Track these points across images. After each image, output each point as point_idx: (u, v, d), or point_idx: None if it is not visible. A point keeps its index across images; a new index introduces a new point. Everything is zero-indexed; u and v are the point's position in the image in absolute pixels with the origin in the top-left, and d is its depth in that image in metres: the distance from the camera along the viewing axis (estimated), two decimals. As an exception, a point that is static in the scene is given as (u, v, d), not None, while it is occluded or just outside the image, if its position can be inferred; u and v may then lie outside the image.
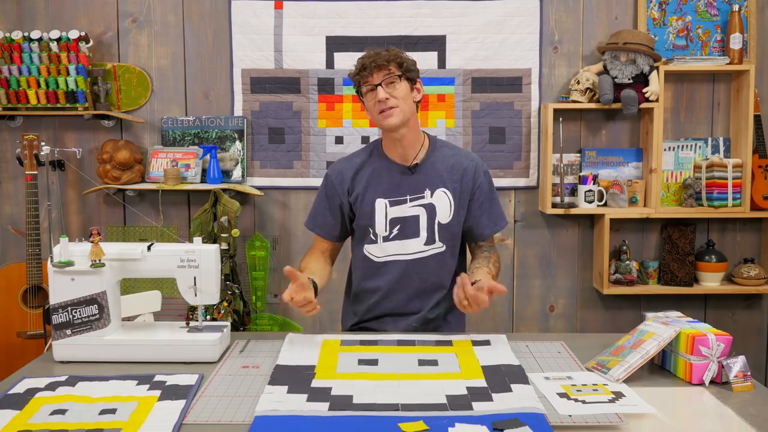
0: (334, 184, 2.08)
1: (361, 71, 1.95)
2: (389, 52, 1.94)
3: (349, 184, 2.06)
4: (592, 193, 3.20)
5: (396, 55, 1.94)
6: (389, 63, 1.93)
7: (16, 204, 3.38)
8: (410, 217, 2.01)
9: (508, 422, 1.34)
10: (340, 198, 2.07)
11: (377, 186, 2.03)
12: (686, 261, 3.24)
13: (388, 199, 2.02)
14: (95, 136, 3.36)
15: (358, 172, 2.06)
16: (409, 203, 2.01)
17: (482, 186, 2.04)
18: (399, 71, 1.94)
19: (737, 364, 1.57)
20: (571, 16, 3.30)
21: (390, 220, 2.02)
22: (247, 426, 1.35)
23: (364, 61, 1.94)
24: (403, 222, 2.01)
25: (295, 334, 1.93)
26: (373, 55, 1.94)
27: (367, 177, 2.04)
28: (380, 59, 1.92)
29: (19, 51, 3.17)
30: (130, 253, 1.78)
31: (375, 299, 2.09)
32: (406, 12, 3.28)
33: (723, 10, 3.26)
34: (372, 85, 1.93)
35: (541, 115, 3.29)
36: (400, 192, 2.01)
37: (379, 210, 2.02)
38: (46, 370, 1.70)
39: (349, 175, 2.06)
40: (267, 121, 3.34)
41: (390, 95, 1.93)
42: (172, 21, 3.32)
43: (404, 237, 2.02)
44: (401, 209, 2.01)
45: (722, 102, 3.32)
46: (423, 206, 2.01)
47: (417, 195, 2.01)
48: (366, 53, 1.97)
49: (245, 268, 3.33)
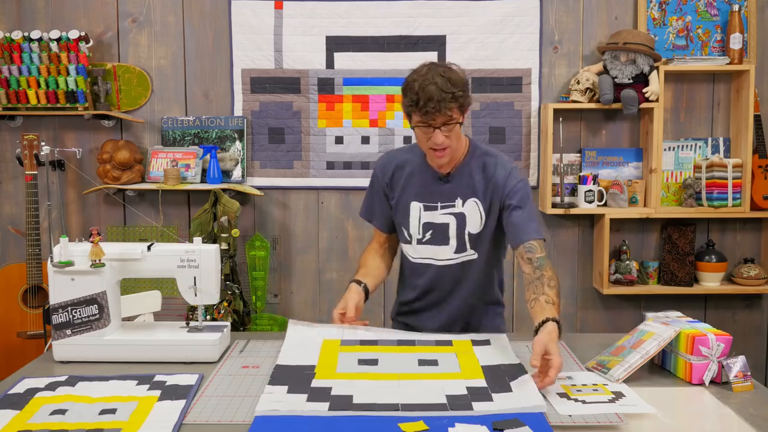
0: (378, 177, 2.07)
1: (418, 107, 1.80)
2: (452, 94, 1.78)
3: (389, 179, 2.04)
4: (592, 193, 3.19)
5: (457, 97, 1.80)
6: (451, 106, 1.80)
7: (16, 204, 3.38)
8: (441, 224, 1.98)
9: (508, 422, 1.34)
10: (384, 191, 2.07)
11: (413, 187, 2.01)
12: (686, 261, 3.24)
13: (423, 203, 1.99)
14: (95, 136, 3.36)
15: (400, 169, 2.03)
16: (440, 210, 1.97)
17: (513, 194, 1.91)
18: (460, 116, 1.84)
19: (737, 364, 1.57)
20: (571, 16, 3.30)
21: (423, 223, 2.00)
22: (247, 426, 1.35)
23: (425, 101, 1.78)
24: (435, 228, 1.99)
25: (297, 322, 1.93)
26: (436, 94, 1.77)
27: (405, 176, 2.02)
28: (444, 105, 1.78)
29: (19, 51, 3.17)
30: (130, 253, 1.78)
31: (414, 295, 2.10)
32: (406, 12, 3.28)
33: (723, 10, 3.26)
34: (428, 125, 1.82)
35: (541, 115, 3.29)
36: (433, 198, 1.98)
37: (414, 212, 2.00)
38: (46, 370, 1.70)
39: (390, 169, 2.04)
40: (267, 121, 3.34)
41: (446, 137, 1.83)
42: (172, 21, 3.32)
43: (435, 243, 2.00)
44: (433, 215, 1.98)
45: (722, 102, 3.32)
46: (453, 215, 1.97)
47: (448, 203, 1.97)
48: (426, 83, 1.78)
49: (245, 268, 3.33)
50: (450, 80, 1.79)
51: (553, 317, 1.65)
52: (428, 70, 1.82)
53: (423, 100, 1.78)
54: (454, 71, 1.83)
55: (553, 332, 1.61)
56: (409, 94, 1.82)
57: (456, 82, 1.81)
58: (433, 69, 1.82)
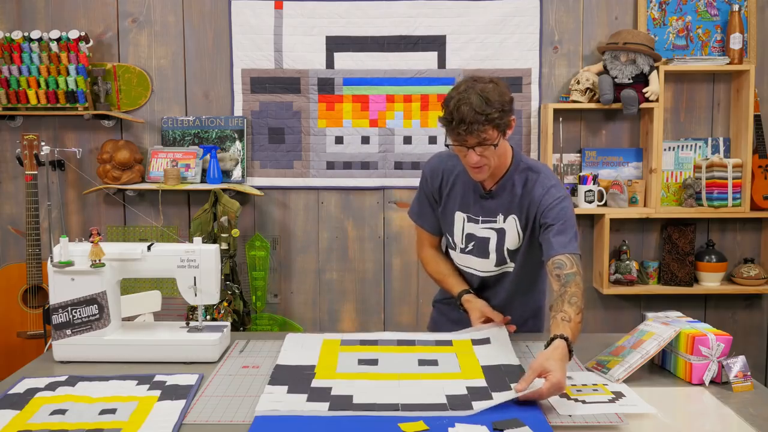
0: (427, 181, 2.04)
1: (451, 126, 1.74)
2: (486, 116, 1.70)
3: (438, 184, 2.01)
4: (592, 193, 3.19)
5: (491, 119, 1.72)
6: (485, 128, 1.72)
7: (16, 204, 3.38)
8: (482, 237, 1.95)
9: (508, 422, 1.34)
10: (433, 195, 2.04)
11: (458, 197, 1.98)
12: (686, 261, 3.24)
13: (466, 213, 1.97)
14: (95, 136, 3.36)
15: (449, 174, 1.99)
16: (481, 224, 1.95)
17: (548, 212, 1.84)
18: (495, 138, 1.75)
19: (737, 364, 1.57)
20: (571, 16, 3.30)
21: (466, 234, 1.98)
22: (247, 426, 1.35)
23: (457, 122, 1.72)
24: (477, 240, 1.97)
25: (294, 334, 1.93)
26: (469, 115, 1.70)
27: (451, 183, 1.98)
28: (476, 127, 1.71)
29: (19, 51, 3.17)
30: (130, 253, 1.78)
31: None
32: (406, 12, 3.28)
33: (723, 10, 3.26)
34: (462, 145, 1.77)
35: (541, 115, 3.29)
36: (475, 211, 1.95)
37: (458, 223, 1.99)
38: (46, 370, 1.70)
39: (439, 174, 2.01)
40: (267, 121, 3.34)
41: (481, 156, 1.77)
42: (172, 21, 3.32)
43: (477, 255, 1.98)
44: (475, 227, 1.96)
45: (722, 102, 3.32)
46: (494, 230, 1.94)
47: (489, 218, 1.94)
48: (460, 103, 1.71)
49: (245, 268, 3.33)
50: (487, 100, 1.71)
51: (561, 334, 1.58)
52: (467, 88, 1.74)
53: (456, 120, 1.72)
54: (494, 88, 1.74)
55: (557, 350, 1.53)
56: (445, 111, 1.76)
57: (493, 102, 1.72)
58: (471, 86, 1.74)
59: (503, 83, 1.79)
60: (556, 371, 1.44)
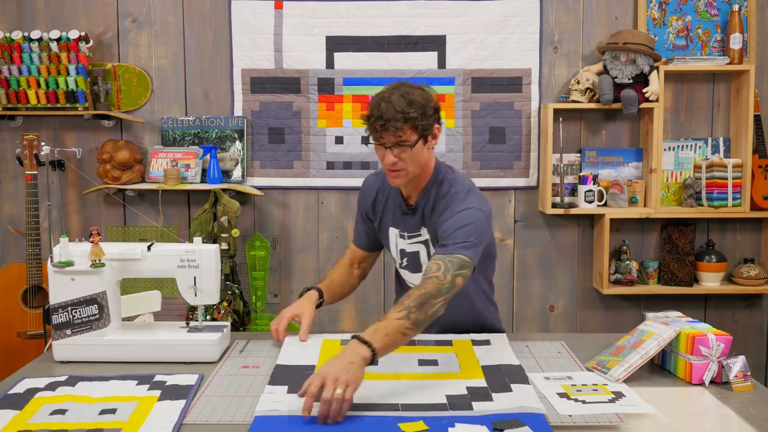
0: (364, 196, 2.06)
1: (369, 123, 1.74)
2: (404, 114, 1.69)
3: (373, 199, 2.02)
4: (592, 193, 3.19)
5: (410, 118, 1.70)
6: (404, 126, 1.71)
7: (16, 204, 3.38)
8: (412, 252, 1.96)
9: (508, 422, 1.34)
10: (367, 212, 2.05)
11: (389, 214, 1.98)
12: (686, 261, 3.24)
13: (398, 229, 1.97)
14: (95, 136, 3.36)
15: (382, 192, 2.00)
16: (408, 239, 1.95)
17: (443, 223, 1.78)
18: (413, 138, 1.73)
19: (737, 364, 1.57)
20: (571, 16, 3.30)
21: (399, 250, 1.99)
22: (247, 426, 1.35)
23: (375, 118, 1.71)
24: (408, 256, 1.97)
25: (294, 334, 1.93)
26: (386, 112, 1.69)
27: (384, 200, 1.99)
28: (392, 124, 1.69)
29: (19, 51, 3.17)
30: (130, 253, 1.78)
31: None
32: (406, 12, 3.28)
33: (723, 10, 3.26)
34: (380, 144, 1.76)
35: (541, 115, 3.29)
36: (402, 227, 1.95)
37: (392, 238, 1.99)
38: (46, 370, 1.70)
39: (374, 191, 2.01)
40: (267, 121, 3.34)
41: (399, 158, 1.75)
42: (172, 21, 3.32)
43: (411, 270, 1.98)
44: (404, 243, 1.96)
45: (722, 102, 3.32)
46: (421, 243, 1.93)
47: (414, 233, 1.93)
48: (381, 100, 1.72)
49: (245, 268, 3.33)
50: (410, 101, 1.70)
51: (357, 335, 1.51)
52: (393, 88, 1.75)
53: (375, 116, 1.72)
54: (421, 93, 1.74)
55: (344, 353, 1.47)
56: (368, 109, 1.77)
57: (414, 103, 1.71)
58: (398, 88, 1.74)
59: (433, 92, 1.80)
60: (325, 366, 1.42)
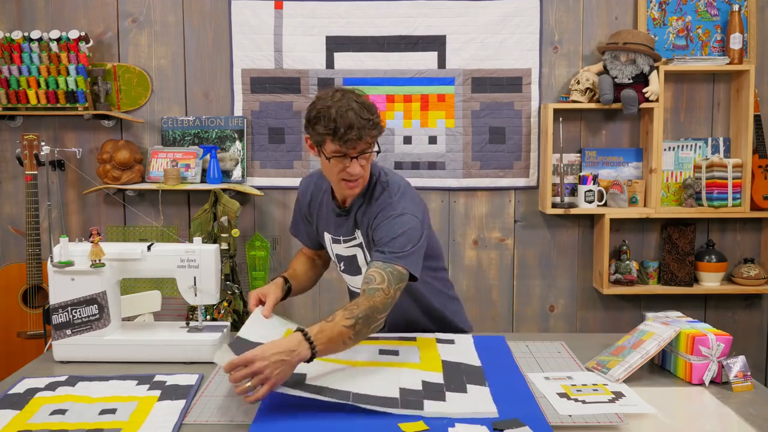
0: (300, 197, 2.01)
1: (337, 135, 1.65)
2: (371, 121, 1.68)
3: (308, 202, 1.97)
4: (592, 193, 3.19)
5: (375, 123, 1.70)
6: (371, 133, 1.70)
7: (16, 204, 3.38)
8: (348, 256, 1.91)
9: (508, 422, 1.34)
10: (304, 214, 2.00)
11: (323, 218, 1.93)
12: (686, 261, 3.24)
13: (331, 235, 1.92)
14: (95, 136, 3.36)
15: (318, 193, 1.95)
16: (343, 243, 1.89)
17: (377, 230, 1.75)
18: (374, 144, 1.74)
19: (737, 364, 1.57)
20: (571, 16, 3.30)
21: (335, 254, 1.95)
22: (247, 426, 1.35)
23: (345, 129, 1.64)
24: (345, 260, 1.92)
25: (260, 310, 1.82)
26: (356, 121, 1.65)
27: (318, 203, 1.94)
28: (365, 132, 1.66)
29: (19, 51, 3.17)
30: (130, 253, 1.78)
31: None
32: (406, 12, 3.28)
33: (723, 10, 3.26)
34: (345, 155, 1.69)
35: (541, 115, 3.29)
36: (336, 231, 1.89)
37: (328, 243, 1.95)
38: (46, 370, 1.70)
39: (308, 195, 1.97)
40: (267, 121, 3.34)
41: (362, 167, 1.72)
42: (172, 21, 3.32)
43: (351, 273, 1.94)
44: (339, 248, 1.91)
45: (722, 102, 3.32)
46: (357, 246, 1.87)
47: (349, 236, 1.87)
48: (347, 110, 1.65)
49: (245, 268, 3.33)
50: (365, 106, 1.69)
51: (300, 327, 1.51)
52: (342, 96, 1.69)
53: (343, 127, 1.63)
54: (365, 99, 1.73)
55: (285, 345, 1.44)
56: (322, 121, 1.66)
57: (371, 109, 1.70)
58: (345, 95, 1.69)
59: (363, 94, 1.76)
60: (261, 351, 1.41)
